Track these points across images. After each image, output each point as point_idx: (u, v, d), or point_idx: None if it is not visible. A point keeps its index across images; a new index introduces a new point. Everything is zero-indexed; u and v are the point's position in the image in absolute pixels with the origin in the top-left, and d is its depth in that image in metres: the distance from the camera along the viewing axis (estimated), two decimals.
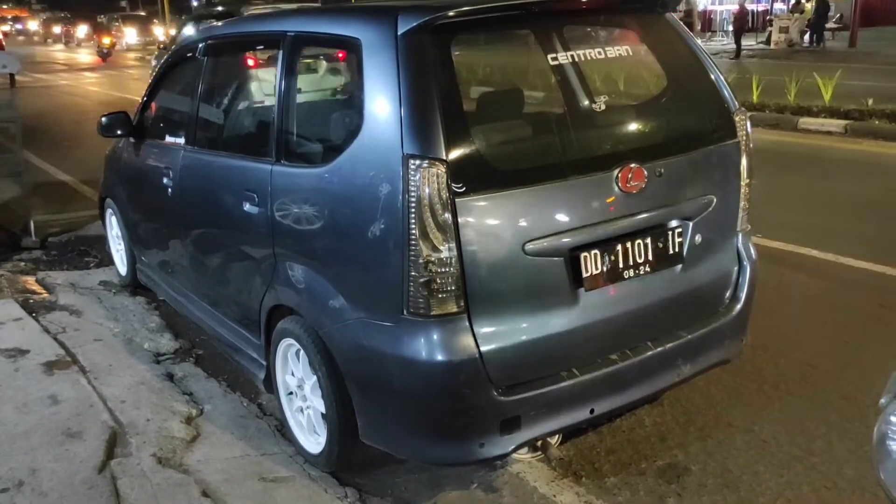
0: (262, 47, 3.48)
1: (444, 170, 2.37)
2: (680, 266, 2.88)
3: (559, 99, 2.78)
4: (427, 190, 2.36)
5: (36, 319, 4.31)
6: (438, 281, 2.42)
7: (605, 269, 2.67)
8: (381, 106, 2.51)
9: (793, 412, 3.33)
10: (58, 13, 45.56)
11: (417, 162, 2.37)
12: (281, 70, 3.04)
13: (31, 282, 5.07)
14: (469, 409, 2.51)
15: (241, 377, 3.73)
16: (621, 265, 2.72)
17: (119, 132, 4.48)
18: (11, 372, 3.64)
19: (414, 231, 2.39)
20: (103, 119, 4.44)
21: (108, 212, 5.16)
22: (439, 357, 2.45)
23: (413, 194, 2.37)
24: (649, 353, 2.81)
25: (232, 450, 3.13)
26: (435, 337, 2.45)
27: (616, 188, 2.65)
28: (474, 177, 2.43)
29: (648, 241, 2.77)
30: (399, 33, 2.50)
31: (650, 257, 2.78)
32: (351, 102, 2.69)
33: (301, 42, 3.04)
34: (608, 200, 2.65)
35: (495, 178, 2.49)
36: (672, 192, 2.81)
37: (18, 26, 32.25)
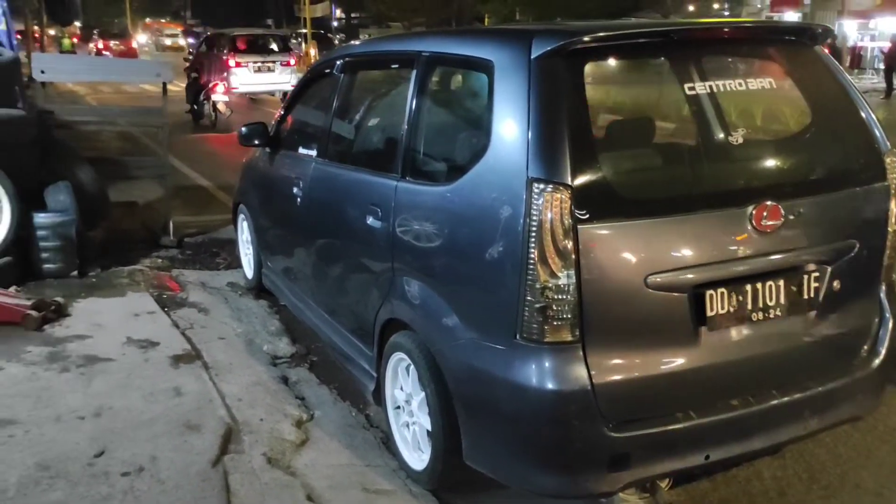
0: (396, 66, 3.55)
1: (567, 195, 2.33)
2: (814, 313, 2.71)
3: (693, 130, 2.70)
4: (549, 215, 2.33)
5: (167, 314, 4.56)
6: (554, 308, 2.38)
7: (731, 309, 2.55)
8: (509, 128, 2.50)
9: None
10: (210, 28, 48.53)
11: (541, 186, 2.35)
12: (413, 89, 3.09)
13: (166, 278, 5.37)
14: (577, 442, 2.45)
15: (352, 386, 3.79)
16: (749, 307, 2.59)
17: (257, 142, 4.69)
18: (142, 362, 3.85)
19: (533, 255, 2.36)
20: (243, 129, 4.67)
21: (241, 217, 5.40)
22: (550, 385, 2.40)
23: (535, 218, 2.35)
24: (774, 402, 2.65)
25: (338, 457, 3.17)
26: (547, 364, 2.41)
27: (749, 226, 2.53)
28: (599, 204, 2.38)
29: (781, 283, 2.62)
30: (532, 56, 2.49)
31: (782, 301, 2.63)
32: (479, 123, 2.70)
33: (434, 62, 3.09)
34: (739, 238, 2.53)
35: (621, 206, 2.43)
36: (811, 233, 2.66)
37: (191, 41, 33.76)
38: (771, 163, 2.81)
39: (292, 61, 17.82)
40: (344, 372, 3.82)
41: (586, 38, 2.49)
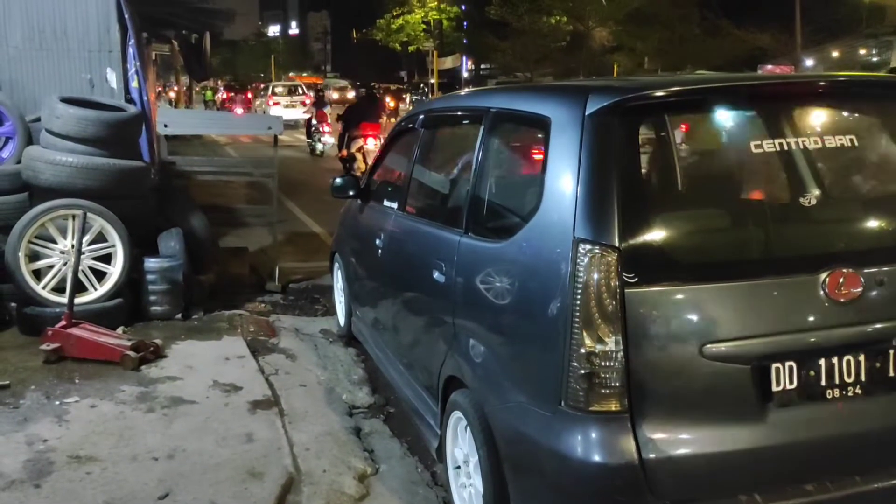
0: (467, 122, 3.56)
1: (615, 258, 2.23)
2: None
3: (761, 189, 2.53)
4: (595, 277, 2.24)
5: (256, 359, 4.70)
6: (601, 375, 2.26)
7: (801, 384, 2.34)
8: (561, 186, 2.43)
9: None
10: (351, 81, 50.56)
11: (588, 247, 2.26)
12: (480, 144, 3.08)
13: (262, 323, 5.55)
14: None
15: (422, 442, 3.74)
16: (824, 383, 2.36)
17: (348, 194, 4.82)
18: (222, 406, 3.97)
19: (578, 320, 2.26)
20: (337, 181, 4.81)
21: (336, 265, 5.54)
22: (595, 457, 2.27)
23: (580, 280, 2.26)
24: (856, 489, 2.39)
25: None
26: (592, 435, 2.28)
27: (822, 294, 2.32)
28: (650, 268, 2.26)
29: (862, 358, 2.38)
30: (587, 113, 2.43)
31: (863, 378, 2.39)
32: (535, 181, 2.64)
33: (500, 118, 3.07)
34: (810, 307, 2.32)
35: (675, 270, 2.30)
36: None
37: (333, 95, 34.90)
38: (850, 226, 2.58)
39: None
40: (416, 426, 3.79)
41: (644, 94, 2.40)
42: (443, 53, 37.90)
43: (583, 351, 2.26)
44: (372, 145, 12.92)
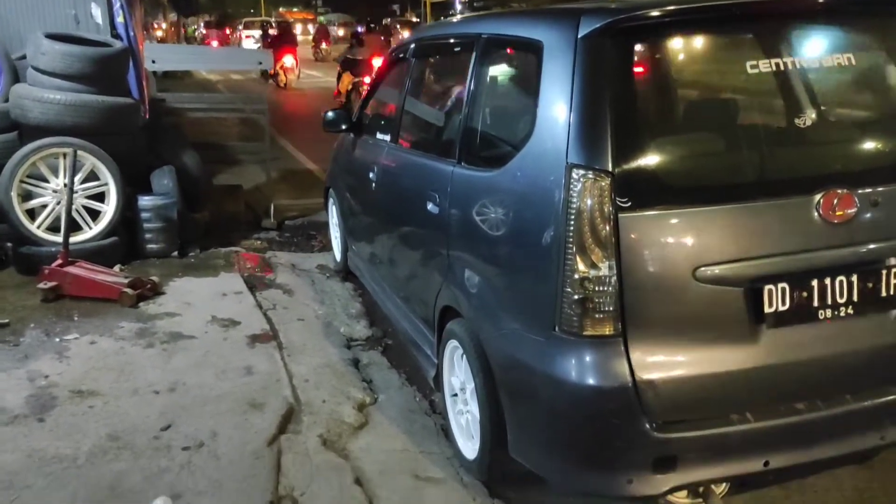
0: (458, 49, 3.49)
1: (608, 182, 2.21)
2: (894, 312, 2.45)
3: (753, 111, 2.50)
4: (588, 202, 2.23)
5: (253, 294, 4.72)
6: (594, 300, 2.27)
7: (794, 306, 2.35)
8: (553, 112, 2.40)
9: None
10: (343, 16, 49.32)
11: (581, 172, 2.24)
12: (471, 72, 3.03)
13: (258, 259, 5.56)
14: (617, 441, 2.33)
15: (420, 372, 3.78)
16: (816, 303, 2.37)
17: (340, 127, 4.76)
18: (221, 340, 4.00)
19: (571, 245, 2.26)
20: (328, 114, 4.75)
21: (330, 201, 5.52)
22: (588, 381, 2.30)
23: (573, 206, 2.25)
24: (846, 407, 2.43)
25: (394, 443, 3.18)
26: (586, 359, 2.30)
27: (816, 215, 2.31)
28: (643, 192, 2.25)
29: (855, 278, 2.39)
30: (579, 36, 2.38)
31: (855, 298, 2.40)
32: (528, 107, 2.60)
33: (492, 44, 3.01)
34: (805, 229, 2.32)
35: (668, 194, 2.28)
36: (892, 225, 2.40)
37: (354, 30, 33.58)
38: (845, 147, 2.55)
39: None
40: (415, 357, 3.83)
41: (638, 15, 2.34)
42: None
43: (576, 276, 2.26)
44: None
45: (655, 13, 2.36)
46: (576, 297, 2.28)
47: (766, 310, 2.33)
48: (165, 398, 3.37)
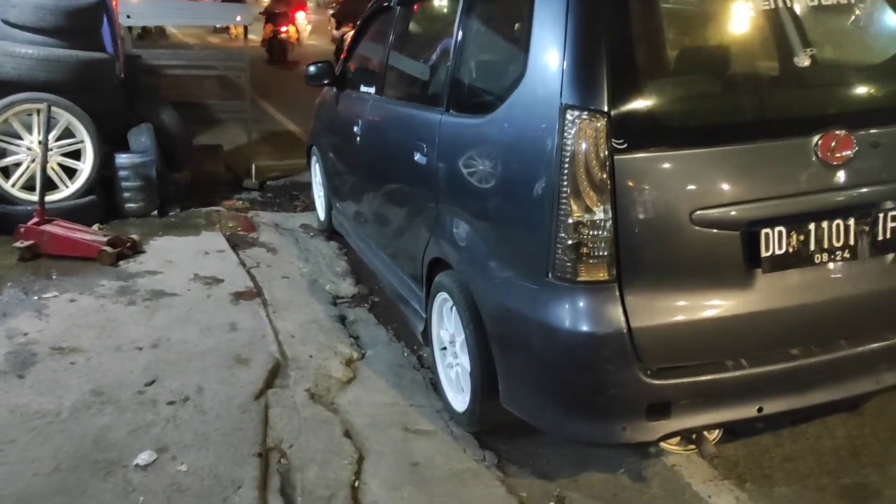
0: None
1: (603, 123, 2.15)
2: (892, 256, 2.43)
3: (750, 52, 2.43)
4: (584, 144, 2.16)
5: (236, 252, 4.64)
6: (589, 245, 2.22)
7: (790, 249, 2.31)
8: (546, 53, 2.33)
9: None
10: None
11: (576, 113, 2.18)
12: (459, 19, 2.94)
13: (240, 218, 5.46)
14: (611, 387, 2.30)
15: (409, 328, 3.74)
16: (812, 248, 2.34)
17: (323, 81, 4.65)
18: (204, 298, 3.93)
19: (566, 189, 2.20)
20: (310, 68, 4.62)
21: (313, 159, 5.41)
22: (582, 327, 2.26)
23: (568, 148, 2.18)
24: (841, 352, 2.41)
25: (382, 396, 3.15)
26: (580, 304, 2.26)
27: (814, 157, 2.27)
28: (639, 133, 2.19)
29: (851, 222, 2.36)
30: None
31: (852, 242, 2.37)
32: (518, 50, 2.53)
33: None
34: (803, 171, 2.28)
35: (664, 135, 2.23)
36: (889, 167, 2.37)
37: None
38: (844, 88, 2.50)
39: None
40: (402, 314, 3.78)
41: None
42: None
43: (570, 221, 2.21)
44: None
45: None
46: (570, 242, 2.22)
47: (763, 254, 2.29)
48: (149, 354, 3.31)
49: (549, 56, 2.31)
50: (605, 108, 2.16)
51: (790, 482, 2.63)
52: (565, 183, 2.20)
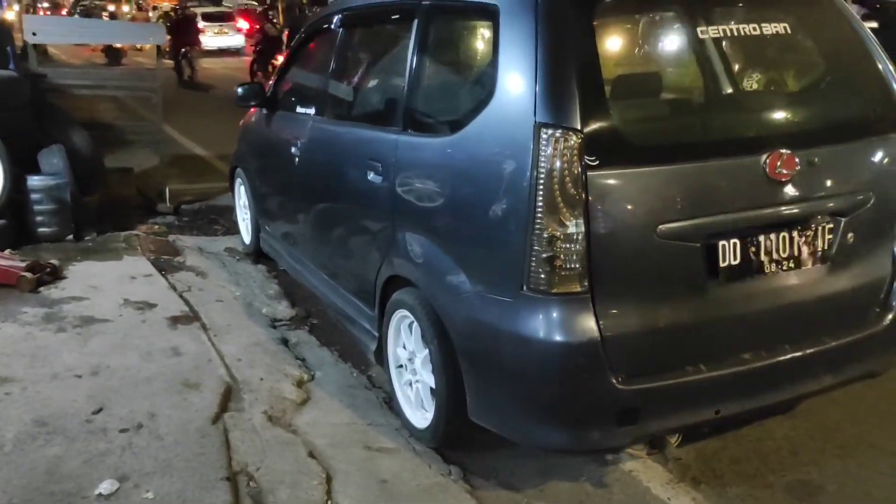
0: (395, 17, 3.44)
1: (577, 141, 2.25)
2: (828, 265, 2.64)
3: (708, 76, 2.61)
4: (558, 161, 2.26)
5: (164, 277, 4.49)
6: (562, 257, 2.30)
7: (744, 260, 2.48)
8: (516, 73, 2.41)
9: None
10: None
11: (550, 131, 2.27)
12: (414, 40, 2.99)
13: (162, 243, 5.29)
14: (585, 395, 2.39)
15: (353, 348, 3.73)
16: (762, 258, 2.52)
17: (253, 102, 4.59)
18: (139, 322, 3.79)
19: (541, 204, 2.28)
20: (239, 89, 4.56)
21: (238, 181, 5.31)
22: (557, 337, 2.34)
23: (543, 165, 2.27)
24: (786, 356, 2.59)
25: (339, 416, 3.12)
26: (554, 315, 2.34)
27: (763, 174, 2.45)
28: (610, 150, 2.30)
29: (795, 235, 2.55)
30: None
31: (795, 252, 2.56)
32: (483, 71, 2.62)
33: (436, 11, 2.98)
34: (753, 187, 2.45)
35: (632, 153, 2.35)
36: (825, 183, 2.58)
37: None
38: (786, 111, 2.72)
39: None
40: (345, 334, 3.76)
41: None
42: None
43: (545, 235, 2.29)
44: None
45: None
46: (544, 255, 2.30)
47: (721, 264, 2.45)
48: (90, 382, 3.15)
49: (519, 76, 2.40)
50: (578, 126, 2.26)
51: (740, 482, 2.78)
52: (540, 198, 2.28)
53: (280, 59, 16.39)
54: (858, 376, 2.82)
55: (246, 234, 5.28)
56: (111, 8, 34.70)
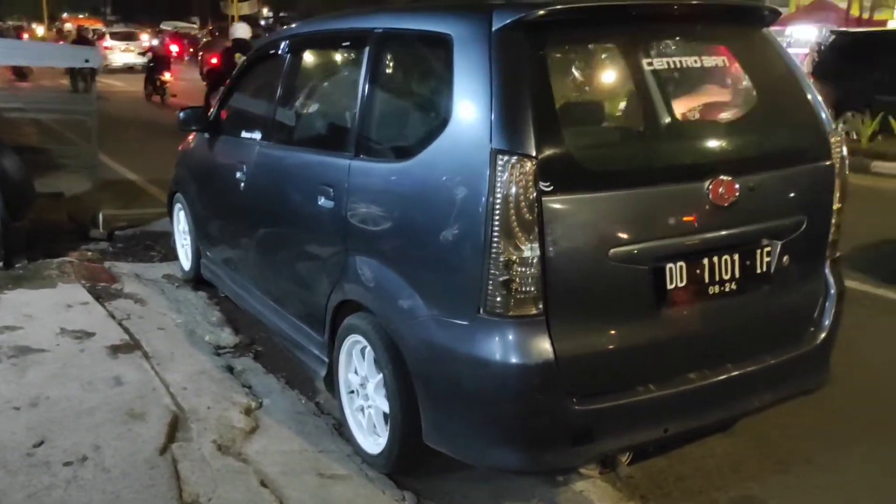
0: (347, 44, 3.48)
1: (532, 167, 2.31)
2: (767, 287, 2.76)
3: (654, 106, 2.72)
4: (514, 187, 2.31)
5: (102, 305, 4.36)
6: (518, 281, 2.35)
7: (690, 282, 2.58)
8: (471, 101, 2.47)
9: (878, 455, 3.16)
10: (131, 25, 46.70)
11: (506, 158, 2.32)
12: (366, 66, 3.03)
13: (98, 269, 5.14)
14: (541, 416, 2.43)
15: (300, 375, 3.69)
16: (707, 280, 2.62)
17: (196, 127, 4.55)
18: (77, 352, 3.67)
19: (497, 228, 2.33)
20: (181, 114, 4.52)
21: (177, 206, 5.22)
22: (514, 359, 2.38)
23: (499, 191, 2.32)
24: (729, 375, 2.69)
25: (290, 444, 3.08)
26: (511, 338, 2.38)
27: (707, 200, 2.56)
28: (563, 177, 2.37)
29: (736, 257, 2.67)
30: (493, 29, 2.47)
31: (737, 275, 2.68)
32: (438, 98, 2.66)
33: (388, 39, 3.03)
34: (698, 212, 2.56)
35: (585, 179, 2.43)
36: (762, 208, 2.71)
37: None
38: (726, 139, 2.84)
39: None
40: (291, 361, 3.73)
41: (543, 12, 2.47)
42: None
43: (502, 259, 2.34)
44: None
45: (562, 7, 2.52)
46: (501, 279, 2.35)
47: (668, 286, 2.54)
48: (29, 413, 3.04)
49: (474, 104, 2.45)
50: (533, 153, 2.33)
51: (686, 499, 2.87)
52: (497, 223, 2.33)
53: (167, 76, 17.20)
54: (795, 393, 2.94)
55: (185, 260, 5.18)
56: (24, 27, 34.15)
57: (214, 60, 12.03)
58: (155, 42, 21.78)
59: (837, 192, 2.90)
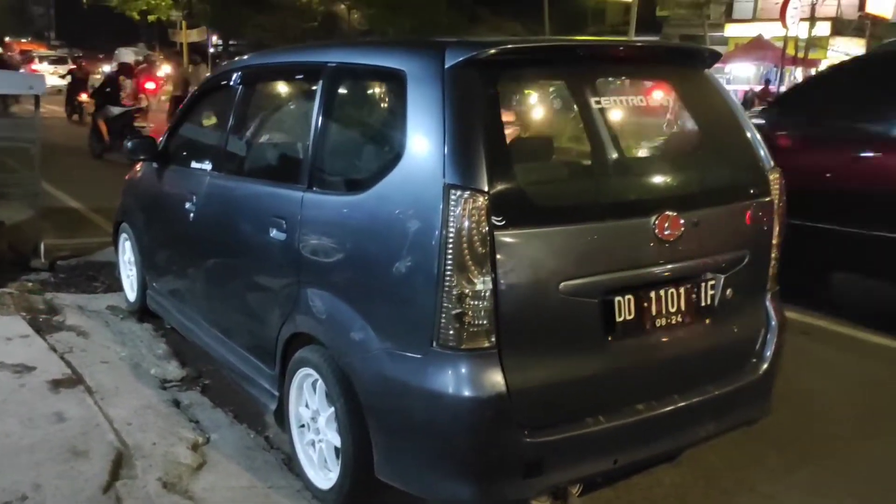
0: (300, 77, 3.49)
1: (484, 202, 2.35)
2: (710, 319, 2.84)
3: (602, 142, 2.79)
4: (466, 221, 2.34)
5: (43, 338, 4.24)
6: (471, 314, 2.38)
7: (637, 315, 2.64)
8: (424, 136, 2.51)
9: (818, 482, 3.25)
10: (75, 51, 45.91)
11: (459, 192, 2.36)
12: (319, 99, 3.05)
13: (38, 301, 4.99)
14: (493, 449, 2.45)
15: (249, 409, 3.64)
16: (654, 313, 2.68)
17: (144, 157, 4.49)
18: (17, 387, 3.55)
19: (450, 262, 2.36)
20: (129, 143, 4.46)
21: (123, 237, 5.13)
22: (466, 392, 2.40)
23: (452, 225, 2.35)
24: (676, 406, 2.75)
25: (238, 480, 3.03)
26: (463, 371, 2.40)
27: (653, 235, 2.63)
28: (515, 211, 2.41)
29: (682, 291, 2.74)
30: (446, 66, 2.52)
31: (682, 308, 2.75)
32: (391, 132, 2.70)
33: (341, 73, 3.06)
34: (645, 247, 2.63)
35: (535, 214, 2.47)
36: (706, 243, 2.80)
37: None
38: (671, 176, 2.94)
39: None
40: (239, 395, 3.67)
41: (495, 50, 2.53)
42: (189, 26, 35.78)
43: (455, 292, 2.36)
44: None
45: (512, 47, 2.59)
46: (454, 312, 2.37)
47: (617, 319, 2.59)
48: None
49: (427, 139, 2.49)
50: (486, 188, 2.37)
51: None
52: (450, 256, 2.36)
53: (84, 97, 17.09)
54: (739, 423, 3.02)
55: (130, 291, 5.08)
56: None
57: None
58: (107, 69, 21.40)
59: (777, 226, 3.01)
